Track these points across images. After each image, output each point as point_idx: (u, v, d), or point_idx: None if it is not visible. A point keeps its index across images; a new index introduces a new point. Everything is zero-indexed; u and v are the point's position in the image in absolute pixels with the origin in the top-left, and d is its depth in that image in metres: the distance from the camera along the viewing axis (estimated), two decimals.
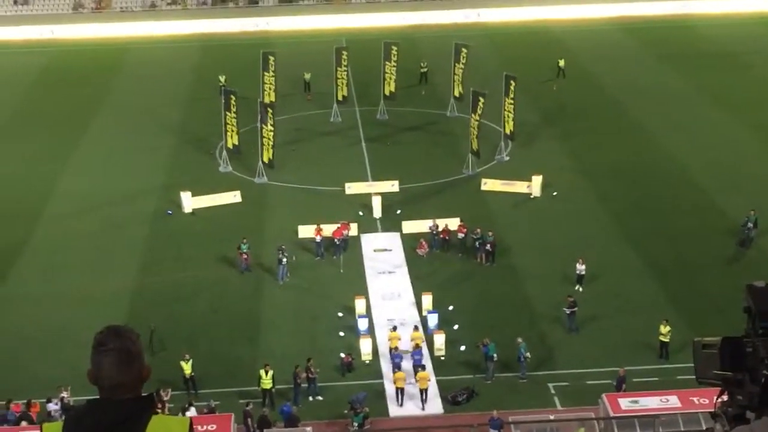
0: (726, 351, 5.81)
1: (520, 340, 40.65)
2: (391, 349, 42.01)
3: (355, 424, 36.87)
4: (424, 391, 39.32)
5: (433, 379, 40.35)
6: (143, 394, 5.41)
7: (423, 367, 40.35)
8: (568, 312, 43.75)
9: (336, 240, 51.28)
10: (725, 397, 6.00)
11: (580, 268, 47.27)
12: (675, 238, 52.29)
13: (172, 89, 78.69)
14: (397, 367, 40.67)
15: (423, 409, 39.07)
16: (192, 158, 64.67)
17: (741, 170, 60.36)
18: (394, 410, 38.94)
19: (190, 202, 56.79)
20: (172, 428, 5.35)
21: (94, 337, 5.38)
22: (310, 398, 39.54)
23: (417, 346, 41.81)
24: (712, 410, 5.85)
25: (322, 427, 37.72)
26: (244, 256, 49.49)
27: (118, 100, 76.40)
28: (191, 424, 5.39)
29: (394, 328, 43.28)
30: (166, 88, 79.10)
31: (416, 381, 39.75)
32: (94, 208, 57.18)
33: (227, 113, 61.71)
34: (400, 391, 39.42)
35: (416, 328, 43.42)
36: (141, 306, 46.65)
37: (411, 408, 39.20)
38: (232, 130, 61.90)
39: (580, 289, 46.86)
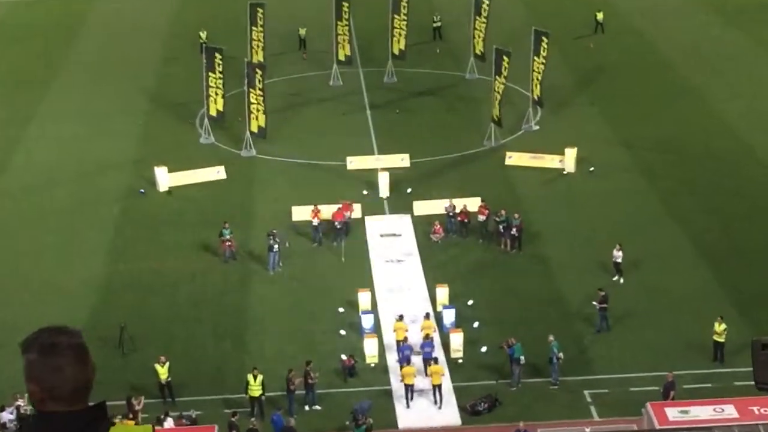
0: None
1: (551, 338, 40.69)
2: (398, 342, 42.49)
3: None
4: (437, 388, 39.72)
5: (447, 373, 40.70)
6: (91, 404, 5.47)
7: (435, 360, 40.68)
8: (598, 307, 43.80)
9: (336, 223, 51.33)
10: None
11: (618, 255, 47.28)
12: (732, 221, 52.24)
13: (146, 47, 78.64)
14: (405, 360, 41.07)
15: (439, 407, 39.50)
16: (168, 128, 64.69)
17: None
18: (402, 412, 39.12)
19: (166, 178, 56.85)
20: None
21: (28, 343, 5.39)
22: (307, 407, 39.65)
23: (428, 337, 42.25)
24: None
25: None
26: (228, 243, 49.59)
27: (83, 60, 76.38)
28: None
29: (400, 318, 43.69)
30: (139, 45, 79.06)
31: (428, 376, 40.16)
32: (54, 184, 57.36)
33: (210, 74, 61.67)
34: (409, 389, 39.84)
35: (427, 316, 43.89)
36: (109, 299, 46.78)
37: (423, 407, 39.55)
38: (216, 95, 61.88)
39: (621, 281, 46.92)
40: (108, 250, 50.95)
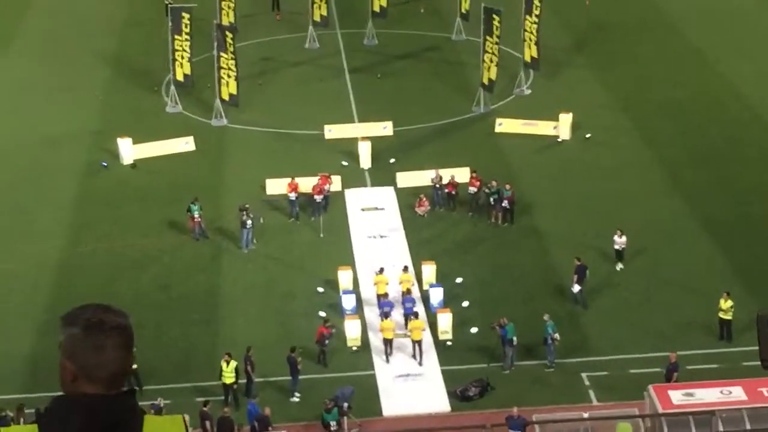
0: None
1: (546, 317, 40.78)
2: (378, 296, 43.98)
3: (333, 423, 36.89)
4: (417, 344, 41.11)
5: (427, 328, 41.96)
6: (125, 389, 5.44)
7: (416, 315, 42.03)
8: (576, 281, 44.11)
9: (315, 197, 51.29)
10: None
11: (620, 241, 46.61)
12: (740, 192, 52.32)
13: (106, 9, 78.15)
14: (385, 315, 42.40)
15: (420, 364, 40.90)
16: (132, 96, 64.36)
17: None
18: (387, 399, 39.27)
19: (130, 151, 56.62)
20: (167, 429, 5.40)
21: (72, 317, 5.39)
22: (294, 399, 39.54)
23: (408, 291, 43.53)
24: None
25: (299, 430, 37.90)
26: (196, 220, 49.46)
27: (38, 24, 75.90)
28: (186, 424, 5.45)
29: (381, 270, 44.83)
30: (99, 7, 78.57)
31: (408, 332, 41.54)
32: (8, 158, 56.90)
33: (176, 37, 61.32)
34: (388, 344, 41.32)
35: (405, 269, 45.23)
36: (70, 281, 46.56)
37: (402, 363, 40.73)
38: (183, 58, 61.53)
39: (620, 267, 46.53)
40: (67, 230, 50.71)
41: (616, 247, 46.80)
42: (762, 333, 6.58)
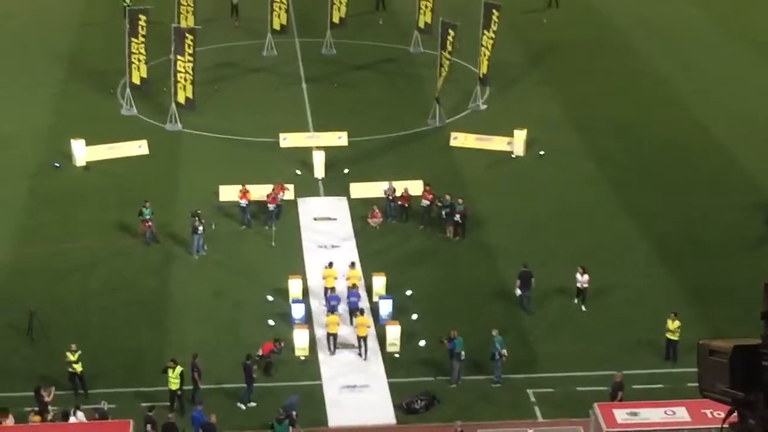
0: (737, 363, 5.79)
1: (495, 332, 40.77)
2: (326, 290, 44.76)
3: None
4: (362, 340, 41.70)
5: (372, 325, 42.68)
6: None
7: (361, 311, 42.58)
8: (519, 286, 44.53)
9: (269, 205, 51.16)
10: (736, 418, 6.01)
11: (582, 279, 45.45)
12: (690, 212, 52.66)
13: (62, 10, 77.71)
14: (331, 310, 43.17)
15: (364, 359, 41.56)
16: (86, 97, 63.99)
17: None
18: (333, 409, 39.12)
19: (83, 152, 56.28)
20: None
21: None
22: (242, 406, 39.37)
23: (354, 286, 44.38)
24: None
25: None
26: (148, 224, 49.23)
27: None
28: None
29: (330, 265, 45.65)
30: (54, 8, 78.11)
31: (354, 328, 42.26)
32: None
33: (133, 40, 61.06)
34: (332, 338, 41.98)
35: (352, 265, 46.09)
36: (18, 283, 46.20)
37: (349, 374, 40.65)
38: (139, 61, 61.28)
39: (583, 308, 45.49)
40: (17, 231, 50.29)
41: (579, 285, 45.55)
42: (701, 363, 6.56)
